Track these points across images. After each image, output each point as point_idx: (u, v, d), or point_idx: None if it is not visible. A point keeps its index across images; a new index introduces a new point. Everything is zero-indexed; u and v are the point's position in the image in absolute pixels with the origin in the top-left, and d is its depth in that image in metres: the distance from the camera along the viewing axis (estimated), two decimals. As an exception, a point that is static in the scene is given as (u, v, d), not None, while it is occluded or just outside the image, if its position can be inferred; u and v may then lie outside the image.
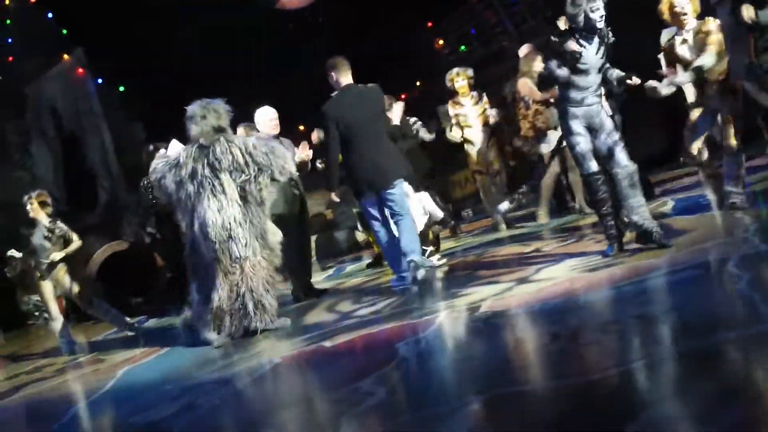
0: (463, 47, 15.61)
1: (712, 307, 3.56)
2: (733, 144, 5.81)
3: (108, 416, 4.63)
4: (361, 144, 6.58)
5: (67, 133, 15.68)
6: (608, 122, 5.38)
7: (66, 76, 15.59)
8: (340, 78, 6.70)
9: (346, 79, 6.72)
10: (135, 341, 7.59)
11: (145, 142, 11.52)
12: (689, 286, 4.05)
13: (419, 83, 15.65)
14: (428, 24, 16.08)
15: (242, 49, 13.90)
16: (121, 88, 16.02)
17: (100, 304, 8.28)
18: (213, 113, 6.18)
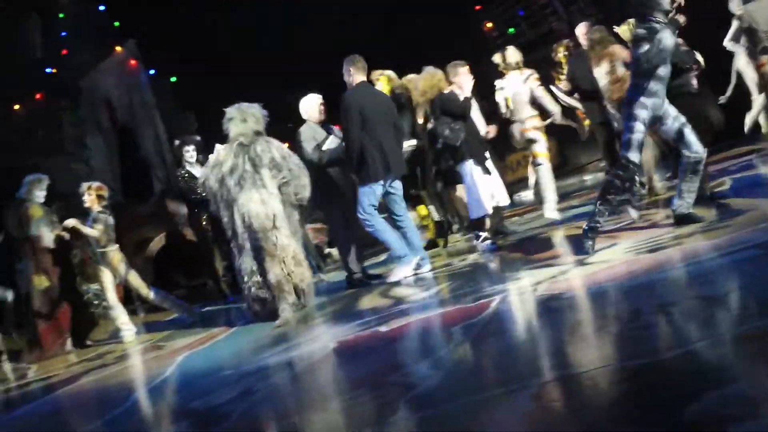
0: (511, 30, 15.46)
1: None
2: None
3: (168, 402, 4.70)
4: (381, 132, 7.03)
5: (122, 125, 15.95)
6: (671, 108, 5.43)
7: (119, 68, 15.83)
8: (357, 75, 7.22)
9: (361, 77, 7.26)
10: (194, 327, 7.72)
11: (196, 132, 11.66)
12: (749, 266, 3.95)
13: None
14: (476, 7, 15.94)
15: (290, 39, 13.94)
16: (172, 78, 16.23)
17: (158, 292, 8.45)
18: (252, 117, 6.56)
